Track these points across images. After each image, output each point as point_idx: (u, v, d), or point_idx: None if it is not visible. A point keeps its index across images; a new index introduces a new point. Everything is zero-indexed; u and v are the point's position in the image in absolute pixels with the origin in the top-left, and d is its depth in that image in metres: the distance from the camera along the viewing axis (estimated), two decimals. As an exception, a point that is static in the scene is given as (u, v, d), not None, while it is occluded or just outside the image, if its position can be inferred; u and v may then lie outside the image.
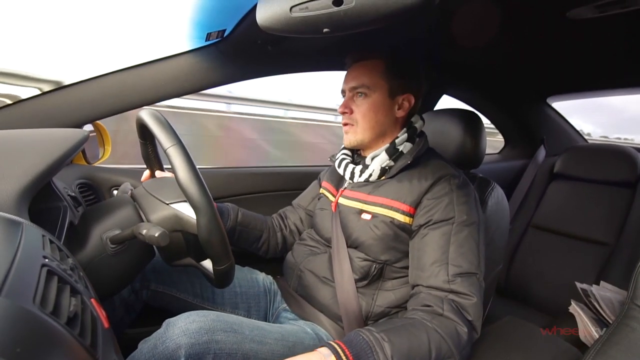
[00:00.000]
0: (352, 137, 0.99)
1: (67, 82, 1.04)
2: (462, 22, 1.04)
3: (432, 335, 0.72)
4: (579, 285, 1.23)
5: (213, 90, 1.32)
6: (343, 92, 1.02)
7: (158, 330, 0.73)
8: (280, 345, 0.82)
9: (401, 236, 0.91)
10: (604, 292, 1.18)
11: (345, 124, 1.00)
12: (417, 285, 0.84)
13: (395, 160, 0.97)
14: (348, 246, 0.95)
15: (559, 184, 1.74)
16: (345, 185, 1.05)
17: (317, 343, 0.88)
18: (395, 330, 0.71)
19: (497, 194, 1.06)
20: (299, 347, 0.84)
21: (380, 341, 0.68)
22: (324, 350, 0.67)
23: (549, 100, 1.99)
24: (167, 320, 0.74)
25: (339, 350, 0.67)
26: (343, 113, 1.00)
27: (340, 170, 1.05)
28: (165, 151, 0.65)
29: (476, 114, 1.15)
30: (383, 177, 0.98)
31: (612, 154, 1.61)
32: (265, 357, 0.78)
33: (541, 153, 1.94)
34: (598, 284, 1.28)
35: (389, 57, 0.97)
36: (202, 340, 0.71)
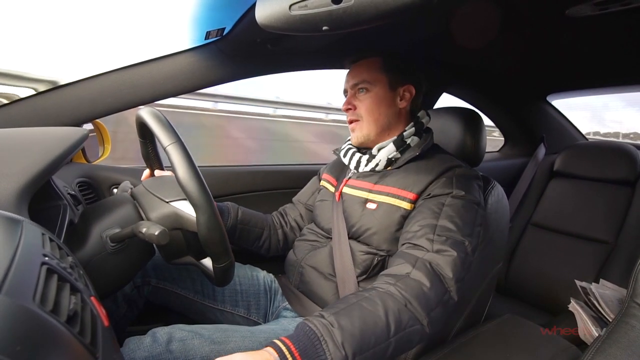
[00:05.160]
0: (358, 133, 1.01)
1: (65, 82, 1.04)
2: (461, 20, 1.04)
3: (389, 307, 0.67)
4: (578, 283, 1.23)
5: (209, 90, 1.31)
6: (345, 91, 1.05)
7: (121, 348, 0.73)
8: (248, 341, 0.79)
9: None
10: (604, 290, 1.18)
11: (350, 121, 1.03)
12: (403, 244, 0.84)
13: (402, 153, 0.98)
14: (349, 237, 0.96)
15: (559, 182, 1.74)
16: (350, 175, 1.05)
17: None
18: (347, 311, 0.66)
19: (497, 192, 1.06)
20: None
21: (329, 327, 0.63)
22: (269, 350, 0.60)
23: (548, 98, 1.99)
24: (127, 339, 0.73)
25: (283, 348, 0.60)
26: (347, 110, 1.02)
27: (346, 160, 1.06)
28: (164, 149, 0.64)
29: (476, 112, 1.15)
30: (389, 168, 0.99)
31: (611, 152, 1.61)
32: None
33: (541, 151, 1.94)
34: (598, 282, 1.28)
35: (385, 54, 1.00)
36: (156, 352, 0.70)
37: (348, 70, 1.05)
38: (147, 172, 0.95)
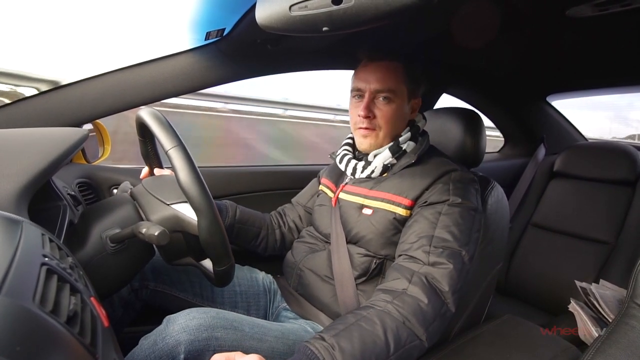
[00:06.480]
0: (372, 141, 0.97)
1: (66, 82, 1.04)
2: (462, 20, 1.04)
3: (388, 326, 0.68)
4: (578, 283, 1.23)
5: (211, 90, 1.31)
6: (359, 90, 0.96)
7: (158, 327, 0.73)
8: (281, 343, 0.82)
9: (402, 231, 0.91)
10: (604, 291, 1.18)
11: (365, 129, 0.96)
12: (399, 255, 0.84)
13: (398, 159, 0.97)
14: (348, 242, 0.96)
15: (559, 182, 1.74)
16: (346, 180, 1.05)
17: None
18: (347, 332, 0.67)
19: (497, 192, 1.06)
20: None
21: (330, 350, 0.64)
22: None
23: (548, 99, 1.99)
24: (167, 317, 0.74)
25: None
26: (366, 117, 0.94)
27: (342, 166, 1.05)
28: (166, 153, 0.65)
29: (476, 113, 1.15)
30: (385, 174, 0.98)
31: (611, 153, 1.61)
32: (265, 355, 0.78)
33: (541, 152, 1.94)
34: (598, 282, 1.28)
35: (407, 60, 0.96)
36: (202, 337, 0.71)
37: (365, 69, 0.96)
38: (146, 169, 0.95)
